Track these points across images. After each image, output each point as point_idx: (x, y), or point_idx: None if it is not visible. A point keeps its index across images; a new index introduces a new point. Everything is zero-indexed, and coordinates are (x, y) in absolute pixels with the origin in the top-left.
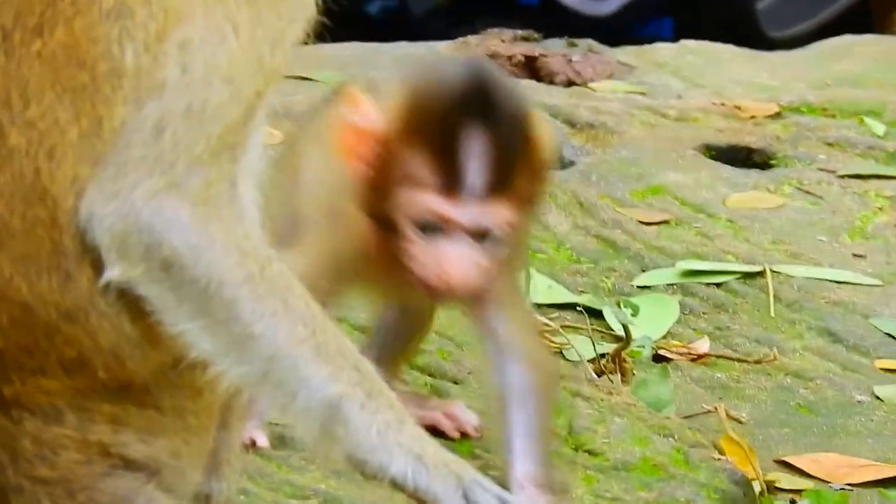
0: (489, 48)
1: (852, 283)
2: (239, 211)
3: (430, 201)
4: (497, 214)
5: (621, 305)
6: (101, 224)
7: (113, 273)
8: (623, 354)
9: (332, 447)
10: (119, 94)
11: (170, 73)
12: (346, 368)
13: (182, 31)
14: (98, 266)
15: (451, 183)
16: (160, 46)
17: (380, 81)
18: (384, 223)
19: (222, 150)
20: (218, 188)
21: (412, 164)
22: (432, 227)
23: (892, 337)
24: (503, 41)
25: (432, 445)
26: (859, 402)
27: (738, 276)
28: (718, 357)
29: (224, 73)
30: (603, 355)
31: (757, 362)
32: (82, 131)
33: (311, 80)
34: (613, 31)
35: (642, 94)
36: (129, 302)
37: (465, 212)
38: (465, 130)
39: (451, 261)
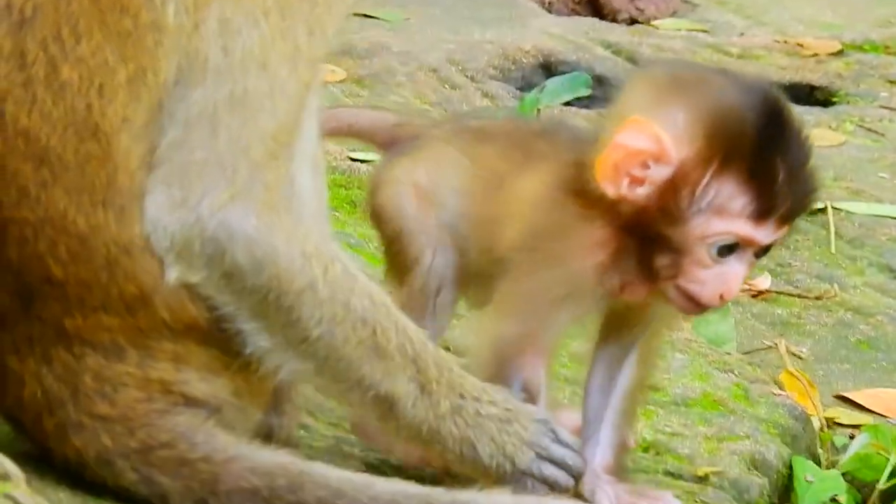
0: None
1: None
2: (299, 210)
3: (739, 227)
4: (785, 230)
5: None
6: (166, 230)
7: (172, 275)
8: None
9: (387, 430)
10: (161, 49)
11: (211, 52)
12: (402, 365)
13: (220, 8)
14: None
15: (762, 210)
16: (199, 14)
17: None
18: (648, 244)
19: (279, 151)
20: (278, 191)
21: (721, 191)
22: (729, 252)
23: None
24: None
25: (491, 425)
26: None
27: None
28: (779, 293)
29: (258, 59)
30: None
31: (817, 298)
32: (129, 76)
33: (373, 17)
34: None
35: (705, 31)
36: None
37: (767, 233)
38: (778, 160)
39: (737, 279)
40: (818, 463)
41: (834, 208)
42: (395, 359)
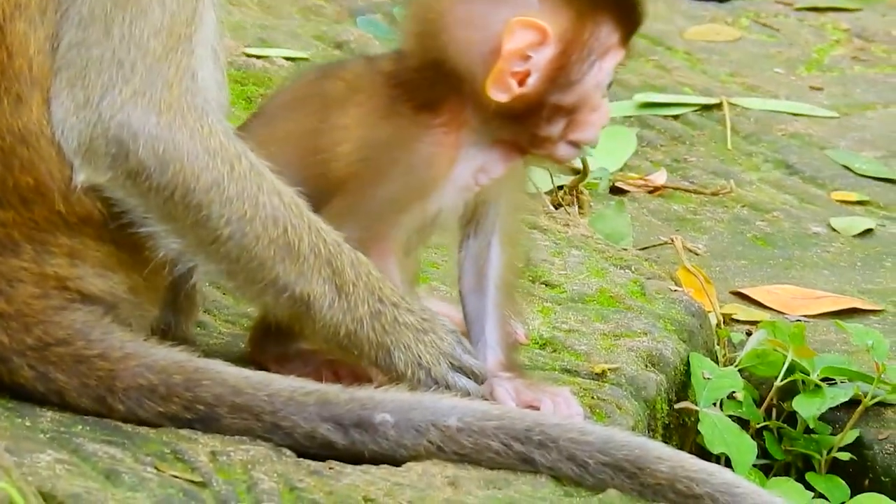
0: None
1: (809, 115)
2: (202, 107)
3: (618, 56)
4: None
5: None
6: (72, 131)
7: (80, 178)
8: (580, 186)
9: (303, 334)
10: None
11: None
12: (317, 266)
13: None
14: (48, 90)
15: (631, 32)
16: None
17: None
18: (528, 122)
19: (177, 44)
20: (179, 86)
21: (601, 36)
22: (610, 85)
23: (849, 169)
24: None
25: (408, 333)
26: (815, 233)
27: (696, 108)
28: (675, 189)
29: None
30: (560, 187)
31: (714, 194)
32: None
33: None
34: None
35: None
36: None
37: (624, 50)
38: None
39: (607, 103)
40: (715, 360)
41: (730, 104)
42: (308, 259)
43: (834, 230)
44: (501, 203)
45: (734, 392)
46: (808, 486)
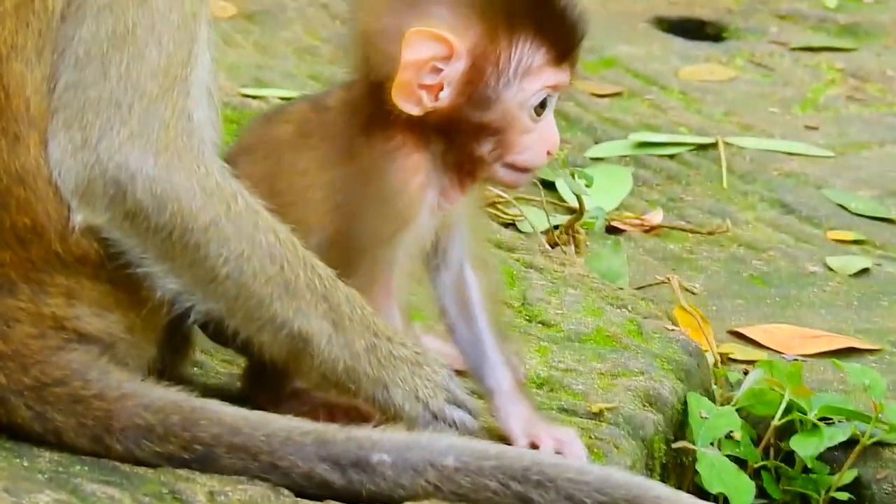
0: None
1: (804, 155)
2: (198, 147)
3: (548, 77)
4: (575, 67)
5: (575, 177)
6: (69, 172)
7: (77, 218)
8: (576, 226)
9: (301, 372)
10: None
11: None
12: (313, 302)
13: None
14: (45, 130)
15: (560, 52)
16: None
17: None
18: (462, 140)
19: (173, 85)
20: (176, 127)
21: (520, 54)
22: (544, 107)
23: (844, 208)
24: None
25: (404, 367)
26: (812, 272)
27: (691, 147)
28: (671, 228)
29: None
30: (556, 227)
31: (710, 233)
32: (16, 2)
33: None
34: None
35: None
36: None
37: (566, 74)
38: (561, 5)
39: (555, 129)
40: (713, 399)
41: (725, 143)
42: (305, 295)
43: (830, 269)
44: (464, 229)
45: (732, 431)
46: None
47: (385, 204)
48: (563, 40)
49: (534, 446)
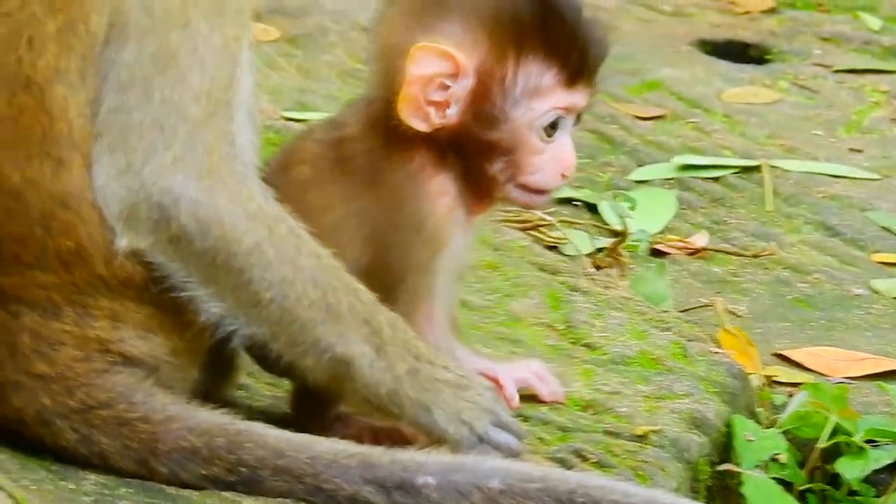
0: None
1: (849, 177)
2: (242, 171)
3: (558, 99)
4: (594, 90)
5: (619, 200)
6: (114, 197)
7: (122, 243)
8: (620, 248)
9: (344, 395)
10: (87, 2)
11: (133, 12)
12: (356, 326)
13: None
14: (89, 153)
15: (572, 73)
16: None
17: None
18: (475, 160)
19: (217, 108)
20: (219, 153)
21: (528, 74)
22: (554, 128)
23: (889, 230)
24: None
25: (447, 390)
26: (857, 295)
27: (735, 170)
28: (716, 251)
29: (179, 16)
30: (600, 250)
31: (754, 256)
32: (59, 27)
33: None
34: None
35: None
36: None
37: (582, 96)
38: (564, 21)
39: (570, 151)
40: (758, 421)
41: (769, 166)
42: (348, 319)
43: (875, 292)
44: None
45: (777, 454)
46: None
47: (416, 229)
48: (573, 62)
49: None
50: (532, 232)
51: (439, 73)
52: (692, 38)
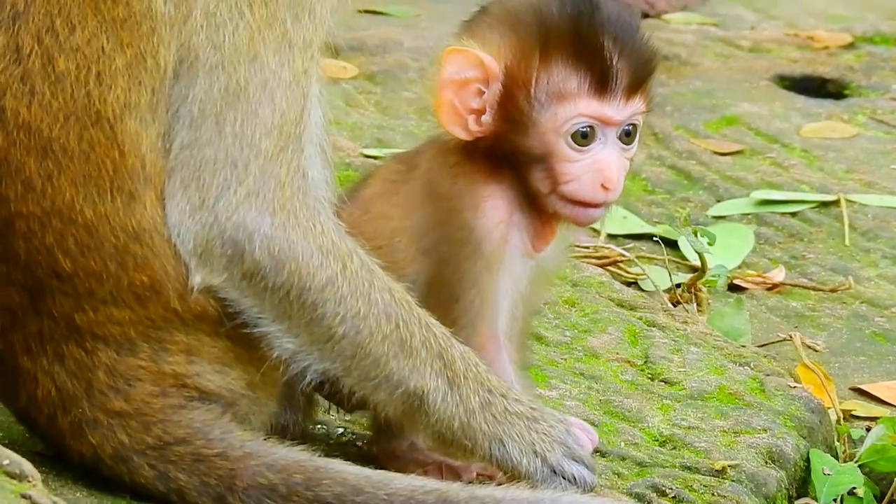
0: None
1: None
2: (314, 206)
3: (584, 106)
4: (638, 107)
5: (697, 235)
6: (188, 233)
7: (196, 279)
8: (698, 284)
9: (417, 430)
10: (157, 36)
11: (202, 48)
12: (429, 360)
13: (205, 0)
14: (161, 188)
15: (600, 82)
16: (187, 6)
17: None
18: (520, 170)
19: (288, 142)
20: (291, 187)
21: (552, 79)
22: (587, 137)
23: None
24: None
25: (520, 422)
26: None
27: (813, 205)
28: (794, 286)
29: (248, 51)
30: (678, 285)
31: (832, 291)
32: (128, 61)
33: (383, 13)
34: None
35: (716, 25)
36: None
37: (616, 109)
38: (596, 31)
39: (609, 163)
40: (835, 456)
41: (847, 200)
42: (420, 353)
43: None
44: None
45: (854, 488)
46: None
47: (464, 241)
48: (600, 69)
49: None
50: (610, 268)
51: (469, 78)
52: (770, 74)
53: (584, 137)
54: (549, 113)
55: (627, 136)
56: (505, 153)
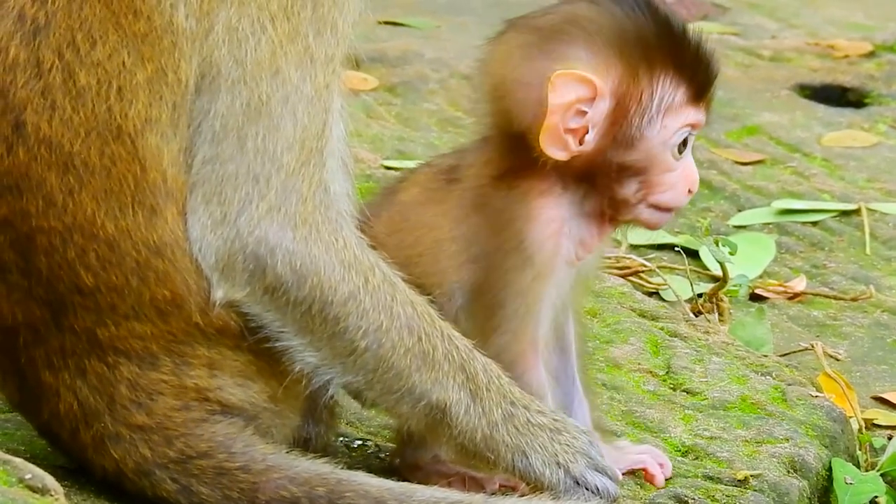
0: None
1: None
2: (336, 219)
3: (689, 115)
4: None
5: (718, 244)
6: (210, 248)
7: (218, 294)
8: (720, 294)
9: (439, 442)
10: (178, 51)
11: (224, 63)
12: (451, 373)
13: (227, 15)
14: (183, 202)
15: (698, 90)
16: (208, 21)
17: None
18: (604, 183)
19: (310, 157)
20: (313, 201)
21: (662, 91)
22: (685, 146)
23: None
24: None
25: (543, 434)
26: None
27: (834, 214)
28: (815, 295)
29: (269, 66)
30: (700, 295)
31: (853, 300)
32: (149, 76)
33: (403, 25)
34: None
35: (736, 34)
36: None
37: (703, 114)
38: (681, 39)
39: (695, 168)
40: (857, 465)
41: (868, 209)
42: (443, 366)
43: None
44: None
45: (877, 497)
46: None
47: (520, 253)
48: (700, 77)
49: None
50: (632, 278)
51: (579, 99)
52: (791, 83)
53: (683, 146)
54: (659, 126)
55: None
56: (596, 169)
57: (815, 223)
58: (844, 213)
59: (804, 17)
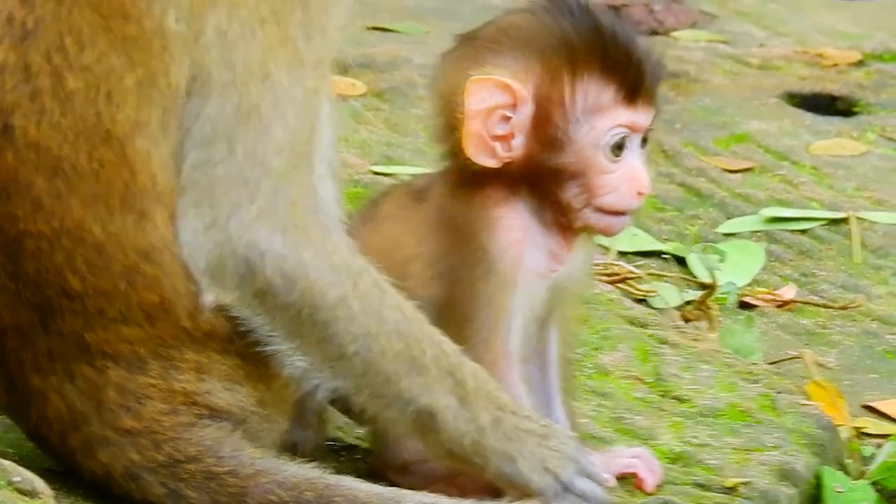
0: None
1: None
2: (325, 224)
3: (620, 115)
4: (653, 112)
5: (707, 252)
6: (200, 252)
7: (208, 298)
8: (709, 301)
9: (427, 447)
10: (168, 54)
11: (214, 66)
12: (440, 378)
13: (217, 18)
14: (172, 206)
15: (630, 90)
16: (198, 24)
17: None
18: (548, 189)
19: (299, 161)
20: (303, 205)
21: (588, 92)
22: (621, 147)
23: None
24: None
25: (531, 439)
26: None
27: (823, 222)
28: (804, 303)
29: (260, 70)
30: (689, 302)
31: (843, 308)
32: (139, 80)
33: (392, 30)
34: None
35: (725, 42)
36: None
37: (643, 115)
38: (614, 40)
39: (641, 170)
40: (847, 473)
41: (857, 218)
42: (431, 371)
43: None
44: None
45: None
46: None
47: (484, 263)
48: (631, 78)
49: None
50: (620, 285)
51: (498, 105)
52: (780, 91)
53: (619, 148)
54: (587, 128)
55: (643, 142)
56: (534, 175)
57: (803, 231)
58: (833, 222)
59: (793, 25)
